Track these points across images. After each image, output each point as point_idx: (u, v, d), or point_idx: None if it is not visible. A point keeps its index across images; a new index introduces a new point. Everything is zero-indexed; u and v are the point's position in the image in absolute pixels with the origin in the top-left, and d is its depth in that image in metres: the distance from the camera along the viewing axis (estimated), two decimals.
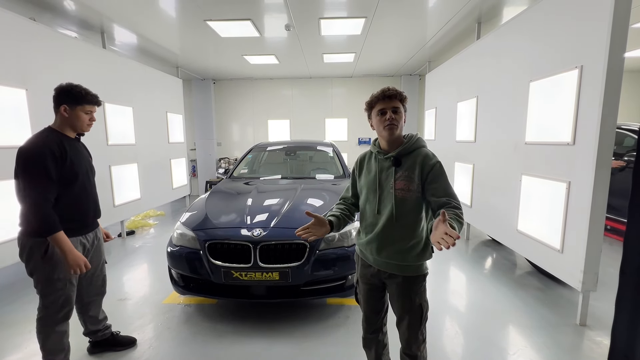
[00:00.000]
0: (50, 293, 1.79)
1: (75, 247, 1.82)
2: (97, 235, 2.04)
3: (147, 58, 6.07)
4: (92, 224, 2.00)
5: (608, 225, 4.04)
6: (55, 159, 1.71)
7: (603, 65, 2.19)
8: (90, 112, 1.86)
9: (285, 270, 2.35)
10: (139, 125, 5.06)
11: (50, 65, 3.39)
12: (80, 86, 1.84)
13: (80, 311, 2.11)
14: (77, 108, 1.80)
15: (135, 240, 4.76)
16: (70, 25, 4.39)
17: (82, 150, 1.94)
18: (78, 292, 2.03)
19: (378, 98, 1.47)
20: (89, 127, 1.89)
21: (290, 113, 8.38)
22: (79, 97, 1.80)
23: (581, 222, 2.40)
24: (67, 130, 1.85)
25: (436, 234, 1.13)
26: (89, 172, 1.94)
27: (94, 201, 1.99)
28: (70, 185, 1.80)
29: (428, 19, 4.33)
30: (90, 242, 1.97)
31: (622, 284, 1.07)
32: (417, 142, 1.51)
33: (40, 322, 1.82)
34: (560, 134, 2.61)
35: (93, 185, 1.98)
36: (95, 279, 2.09)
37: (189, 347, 2.31)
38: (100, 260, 2.10)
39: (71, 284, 1.84)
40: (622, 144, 4.28)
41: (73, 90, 1.80)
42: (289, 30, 4.60)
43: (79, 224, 1.88)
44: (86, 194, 1.90)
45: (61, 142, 1.77)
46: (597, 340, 2.33)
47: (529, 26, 3.07)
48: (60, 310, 1.82)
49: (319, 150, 4.61)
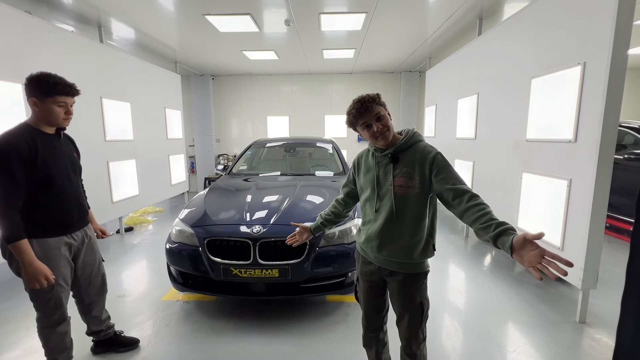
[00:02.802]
0: (38, 296, 1.71)
1: (59, 247, 1.74)
2: (87, 234, 1.94)
3: (145, 53, 6.01)
4: (78, 223, 1.87)
5: (607, 223, 4.04)
6: (23, 161, 1.54)
7: (606, 62, 2.17)
8: (65, 103, 1.65)
9: (284, 268, 2.33)
10: (137, 121, 5.02)
11: (46, 59, 3.35)
12: (51, 75, 1.62)
13: (83, 312, 2.07)
14: (48, 100, 1.60)
15: (134, 237, 4.74)
16: (67, 19, 4.33)
17: (60, 148, 1.75)
18: (78, 294, 2.00)
19: (357, 115, 1.40)
20: (67, 121, 1.70)
21: (289, 109, 8.33)
22: (47, 87, 1.59)
23: (582, 219, 2.39)
24: (43, 126, 1.67)
25: (532, 259, 0.94)
26: (69, 171, 1.77)
27: (77, 200, 1.84)
28: (46, 186, 1.66)
29: (429, 14, 4.29)
30: (79, 241, 1.87)
31: (628, 283, 1.05)
32: (413, 137, 1.47)
33: (39, 323, 1.79)
34: (562, 131, 2.60)
35: (75, 184, 1.83)
36: (94, 279, 2.01)
37: (188, 344, 2.29)
38: (96, 258, 2.02)
39: (60, 285, 1.74)
40: (622, 142, 4.28)
41: (41, 80, 1.59)
42: (288, 25, 4.56)
43: (61, 224, 1.77)
44: (66, 194, 1.75)
45: (34, 140, 1.60)
46: (597, 337, 2.33)
47: (531, 22, 3.04)
48: (54, 312, 1.76)
49: (318, 147, 4.58)
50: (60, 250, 1.75)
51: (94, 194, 3.85)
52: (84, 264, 1.94)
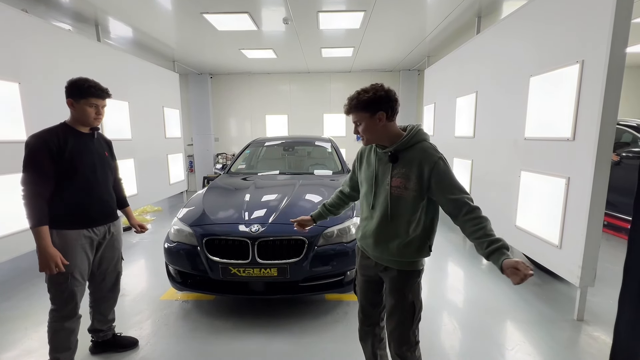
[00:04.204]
0: (53, 286, 1.79)
1: (78, 239, 1.82)
2: (110, 230, 2.01)
3: (143, 52, 5.98)
4: (102, 218, 1.95)
5: (605, 221, 4.05)
6: (51, 154, 1.70)
7: (604, 60, 2.17)
8: (96, 105, 1.84)
9: (283, 267, 2.33)
10: (135, 120, 5.00)
11: (43, 58, 3.32)
12: (87, 79, 1.82)
13: (92, 305, 2.12)
14: (82, 102, 1.79)
15: (133, 236, 4.73)
16: (64, 17, 4.31)
17: (92, 146, 1.91)
18: (92, 287, 2.06)
19: (346, 113, 1.49)
20: (97, 121, 1.88)
21: (288, 108, 8.32)
22: (82, 90, 1.78)
23: (580, 218, 2.40)
24: (78, 125, 1.85)
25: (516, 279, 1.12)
26: (96, 167, 1.89)
27: (101, 196, 1.93)
28: (70, 179, 1.78)
29: (428, 12, 4.28)
30: (100, 235, 1.94)
31: (626, 280, 1.05)
32: (417, 136, 1.43)
33: (50, 316, 1.84)
34: (560, 130, 2.60)
35: (102, 180, 1.94)
36: (109, 275, 2.08)
37: (187, 343, 2.29)
38: (115, 255, 2.09)
39: (74, 278, 1.81)
40: (620, 140, 4.29)
41: (77, 84, 1.79)
42: (287, 23, 4.54)
43: (82, 217, 1.86)
44: (90, 188, 1.87)
45: (65, 136, 1.77)
46: (595, 335, 2.34)
47: (529, 20, 3.03)
48: (66, 305, 1.82)
49: (317, 146, 4.58)
50: (78, 243, 1.82)
51: None
52: (102, 259, 2.01)
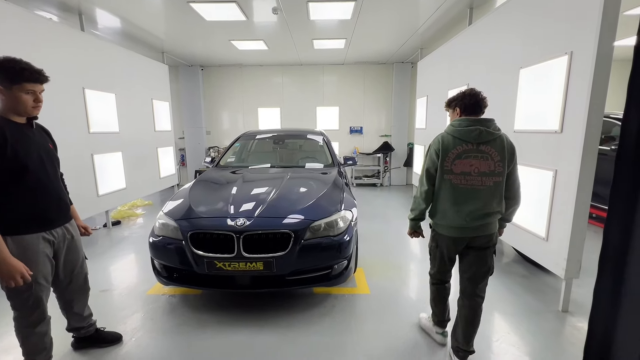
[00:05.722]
0: (15, 295, 1.64)
1: (37, 243, 1.66)
2: (68, 231, 1.85)
3: (131, 43, 5.85)
4: (58, 218, 1.78)
5: (593, 214, 4.09)
6: None
7: (593, 51, 2.16)
8: (33, 91, 1.57)
9: (269, 260, 2.31)
10: (122, 112, 4.91)
11: (24, 49, 3.22)
12: (17, 60, 1.53)
13: (64, 308, 2.01)
14: (15, 88, 1.51)
15: (122, 231, 4.67)
16: (47, 6, 4.17)
17: (33, 138, 1.66)
18: (58, 290, 1.94)
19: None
20: (36, 109, 1.61)
21: (281, 101, 8.23)
22: (14, 74, 1.50)
23: (566, 211, 2.41)
24: (11, 115, 1.58)
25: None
26: (44, 163, 1.68)
27: (56, 194, 1.75)
28: (19, 178, 1.57)
29: (419, 2, 4.22)
30: (59, 237, 1.78)
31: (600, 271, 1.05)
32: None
33: (16, 323, 1.71)
34: (549, 122, 2.59)
35: (53, 177, 1.74)
36: (76, 277, 1.95)
37: (172, 338, 2.28)
38: (79, 257, 1.95)
39: (39, 284, 1.67)
40: (609, 134, 4.30)
41: (6, 66, 1.50)
42: (276, 13, 4.45)
43: (39, 219, 1.68)
44: (43, 187, 1.67)
45: (2, 129, 1.51)
46: (579, 326, 2.37)
47: (520, 11, 3.00)
48: (32, 311, 1.69)
49: (308, 139, 4.54)
50: (38, 247, 1.67)
51: (78, 187, 3.79)
52: (66, 262, 1.87)
